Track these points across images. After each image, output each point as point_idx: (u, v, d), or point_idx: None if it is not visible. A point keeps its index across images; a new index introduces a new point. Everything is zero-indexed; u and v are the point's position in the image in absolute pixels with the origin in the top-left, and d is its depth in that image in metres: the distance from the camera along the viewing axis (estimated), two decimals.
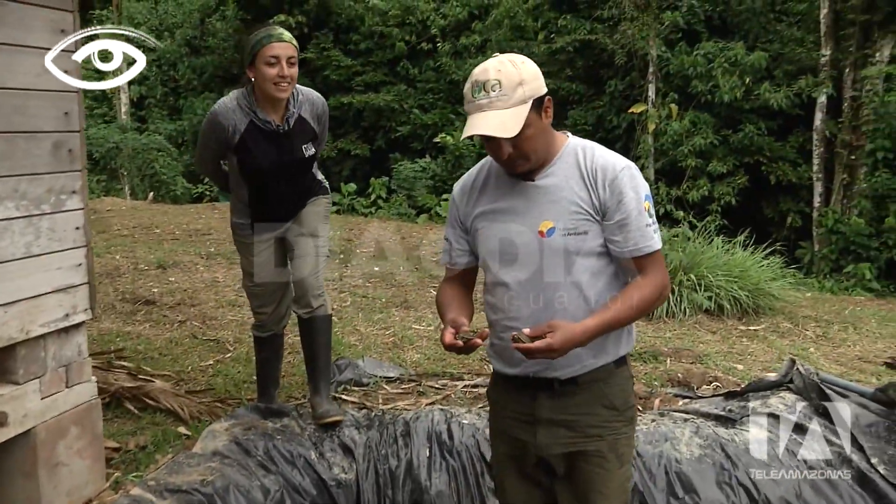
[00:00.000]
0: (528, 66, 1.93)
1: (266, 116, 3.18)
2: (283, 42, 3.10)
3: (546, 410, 2.01)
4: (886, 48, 12.96)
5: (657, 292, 1.96)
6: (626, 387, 2.06)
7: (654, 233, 1.95)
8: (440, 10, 17.47)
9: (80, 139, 2.66)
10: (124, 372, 4.01)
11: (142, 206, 11.87)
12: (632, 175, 1.95)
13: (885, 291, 11.52)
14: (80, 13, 2.47)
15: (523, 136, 1.89)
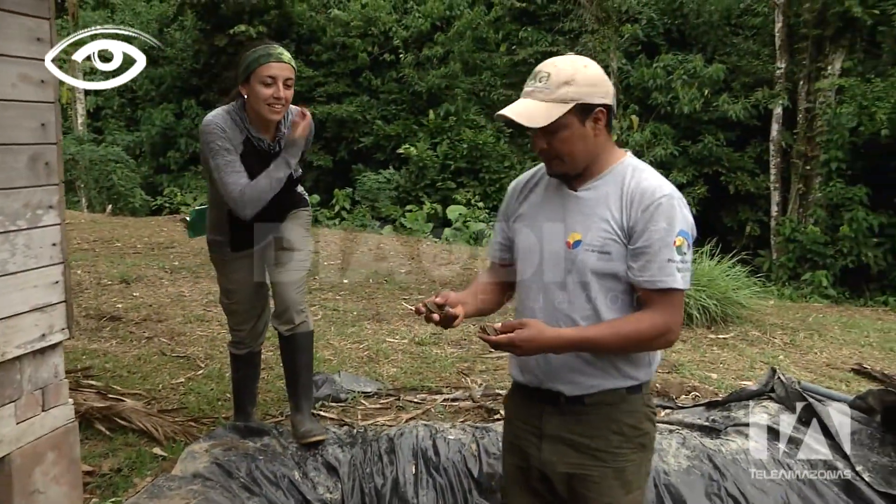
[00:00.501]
0: (590, 71, 1.90)
1: (259, 135, 3.07)
2: (282, 63, 2.97)
3: (553, 426, 1.99)
4: (837, 61, 13.32)
5: (655, 333, 1.85)
6: (638, 414, 1.97)
7: (678, 271, 1.83)
8: (402, 22, 17.48)
9: (57, 151, 2.55)
10: (93, 391, 3.88)
11: (100, 218, 11.60)
12: (671, 205, 1.85)
13: (840, 298, 11.79)
14: None
15: (558, 137, 1.89)
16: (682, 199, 1.88)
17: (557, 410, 1.98)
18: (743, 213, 14.34)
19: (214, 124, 2.98)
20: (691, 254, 1.87)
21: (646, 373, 1.98)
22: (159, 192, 17.05)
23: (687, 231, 1.85)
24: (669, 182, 1.93)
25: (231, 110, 3.05)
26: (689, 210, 1.89)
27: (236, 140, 3.01)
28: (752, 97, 13.68)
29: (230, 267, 3.31)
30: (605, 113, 1.90)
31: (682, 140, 14.31)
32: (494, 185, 15.31)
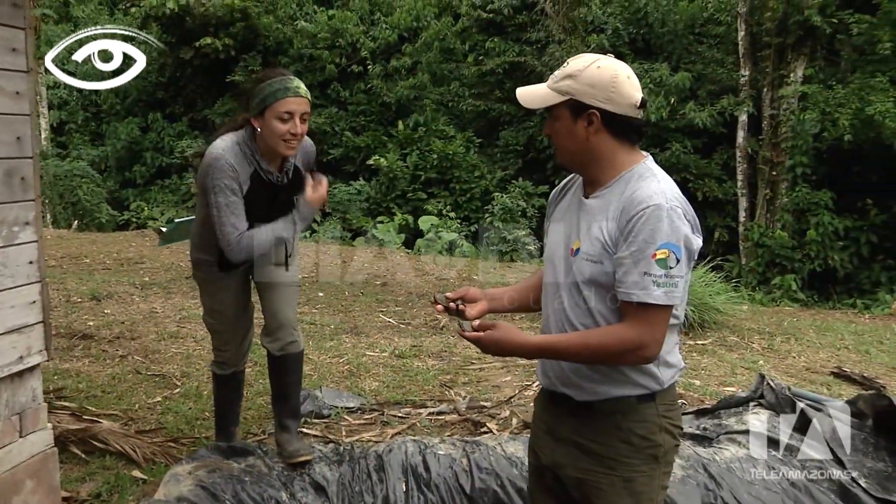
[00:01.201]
0: (597, 73, 1.86)
1: (268, 167, 2.95)
2: (300, 97, 2.83)
3: (566, 429, 1.99)
4: (800, 69, 13.55)
5: (623, 347, 1.80)
6: (649, 425, 1.92)
7: (655, 286, 1.76)
8: (370, 33, 17.41)
9: (33, 166, 2.43)
10: (67, 413, 3.76)
11: (67, 234, 11.37)
12: (656, 216, 1.77)
13: (809, 301, 11.99)
14: None
15: (554, 126, 1.93)
16: (675, 210, 1.78)
17: (570, 414, 1.98)
18: (711, 219, 14.46)
19: (224, 161, 2.81)
20: (683, 269, 1.79)
21: (656, 381, 1.92)
22: (126, 206, 16.74)
23: (675, 244, 1.77)
24: (677, 193, 1.85)
25: (240, 142, 2.90)
26: (686, 222, 1.80)
27: (244, 174, 2.87)
28: (718, 104, 13.81)
29: (217, 286, 3.19)
30: (600, 117, 1.85)
31: (649, 148, 14.32)
32: (465, 194, 15.28)
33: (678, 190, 1.87)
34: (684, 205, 1.83)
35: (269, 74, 2.88)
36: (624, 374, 1.90)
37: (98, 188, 15.81)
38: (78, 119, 18.89)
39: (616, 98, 1.84)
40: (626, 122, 1.87)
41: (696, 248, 1.84)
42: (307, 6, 18.21)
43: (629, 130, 1.89)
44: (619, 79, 1.85)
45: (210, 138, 3.05)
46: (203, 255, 3.17)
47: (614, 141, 1.88)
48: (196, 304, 6.48)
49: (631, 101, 1.86)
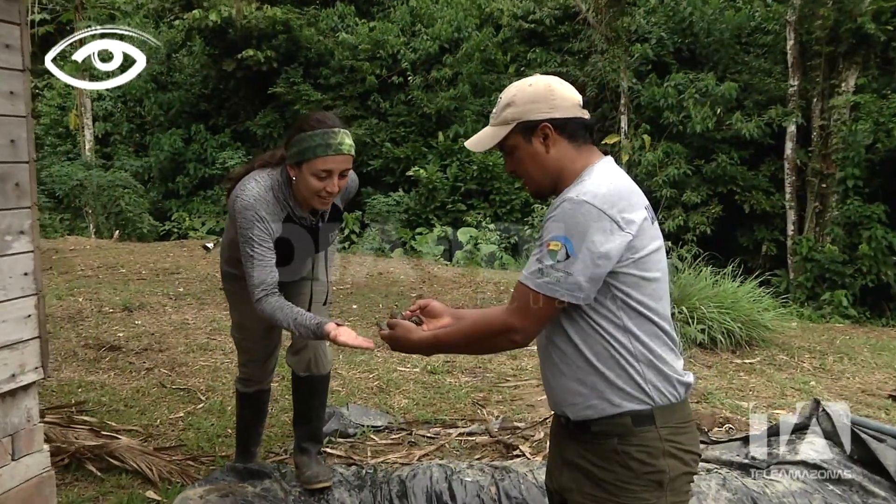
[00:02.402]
0: (532, 89, 1.89)
1: (301, 213, 2.79)
2: (342, 155, 2.61)
3: (570, 452, 1.91)
4: (851, 78, 13.16)
5: (492, 329, 1.81)
6: (650, 449, 1.81)
7: (539, 272, 1.73)
8: (410, 44, 17.38)
9: (29, 171, 2.28)
10: (86, 428, 3.65)
11: (107, 244, 11.45)
12: (561, 209, 1.75)
13: (861, 318, 11.59)
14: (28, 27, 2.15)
15: (514, 158, 1.91)
16: (582, 206, 1.73)
17: (571, 436, 1.91)
18: (759, 233, 14.08)
19: (254, 213, 2.63)
20: (576, 265, 1.71)
21: (643, 394, 1.81)
22: (168, 217, 16.91)
23: (568, 239, 1.72)
24: (609, 188, 1.77)
25: (274, 186, 2.71)
26: (605, 219, 1.72)
27: (276, 221, 2.69)
28: (766, 115, 13.47)
29: (244, 300, 3.01)
30: (552, 127, 1.85)
31: (695, 159, 14.09)
32: (505, 206, 15.12)
33: (614, 188, 1.78)
34: (606, 202, 1.74)
35: (312, 123, 2.64)
36: (608, 384, 1.81)
37: (140, 198, 15.99)
38: (122, 131, 19.16)
39: (559, 103, 1.87)
40: (576, 123, 1.88)
41: (620, 247, 1.74)
42: (349, 18, 18.26)
43: (582, 129, 1.90)
44: (553, 86, 1.89)
45: (247, 164, 2.89)
46: (231, 270, 3.04)
47: (572, 147, 1.88)
48: (227, 316, 6.39)
49: (573, 101, 1.89)
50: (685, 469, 1.85)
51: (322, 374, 3.07)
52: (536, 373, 4.96)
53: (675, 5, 15.43)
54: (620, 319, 1.79)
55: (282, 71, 17.13)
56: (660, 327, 1.83)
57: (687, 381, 1.89)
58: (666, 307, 1.86)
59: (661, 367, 1.82)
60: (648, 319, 1.81)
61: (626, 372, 1.80)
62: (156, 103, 18.74)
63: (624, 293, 1.78)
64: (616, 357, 1.80)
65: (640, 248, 1.77)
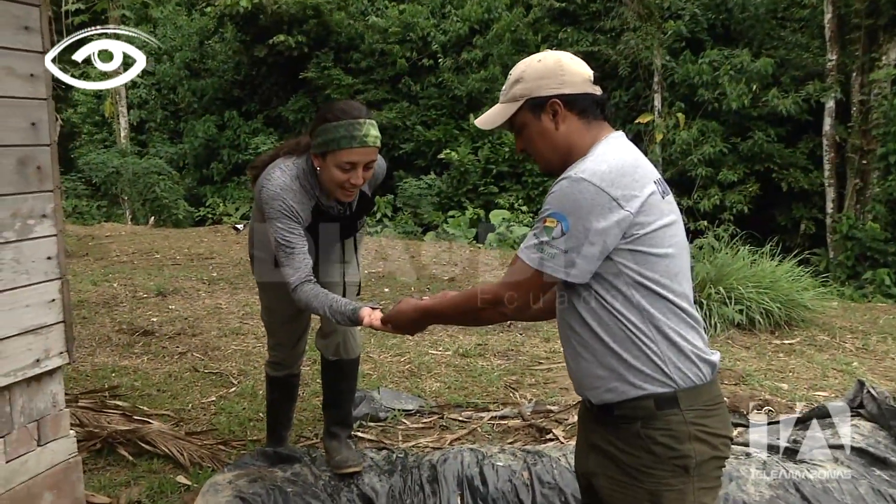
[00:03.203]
0: (541, 65, 1.86)
1: (328, 202, 2.72)
2: (366, 147, 2.53)
3: (596, 436, 1.88)
4: (893, 51, 12.79)
5: (482, 298, 1.81)
6: (673, 432, 1.75)
7: (535, 248, 1.71)
8: (440, 26, 17.25)
9: (50, 154, 2.25)
10: (118, 413, 3.67)
11: (142, 230, 11.57)
12: (559, 186, 1.72)
13: None
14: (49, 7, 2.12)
15: (523, 136, 1.89)
16: (580, 183, 1.69)
17: (596, 420, 1.88)
18: (797, 211, 13.80)
19: (281, 201, 2.58)
20: (570, 242, 1.68)
21: (665, 375, 1.75)
22: (203, 203, 17.06)
23: (563, 215, 1.69)
24: (611, 165, 1.71)
25: (300, 175, 2.65)
26: (598, 199, 1.67)
27: (304, 210, 2.64)
28: (803, 91, 13.16)
29: (272, 283, 2.96)
30: (561, 103, 1.82)
31: (731, 137, 13.84)
32: (537, 188, 14.99)
33: (616, 164, 1.73)
34: (606, 179, 1.69)
35: (336, 113, 2.54)
36: (626, 366, 1.76)
37: (175, 185, 16.14)
38: (157, 118, 19.35)
39: (569, 79, 1.83)
40: (587, 99, 1.85)
41: (622, 223, 1.69)
42: (378, 1, 18.19)
43: (593, 105, 1.86)
44: (563, 62, 1.85)
45: (272, 152, 2.83)
46: (258, 253, 3.00)
47: (581, 123, 1.84)
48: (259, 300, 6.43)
49: (583, 76, 1.85)
50: (714, 453, 1.78)
51: (351, 358, 3.03)
52: None
53: None
54: (633, 298, 1.74)
55: (313, 56, 17.13)
56: (676, 305, 1.77)
57: (712, 360, 1.82)
58: (684, 283, 1.80)
59: (682, 345, 1.76)
60: (662, 297, 1.75)
61: (643, 353, 1.75)
62: (189, 90, 18.88)
63: (634, 271, 1.73)
64: (632, 337, 1.75)
65: (647, 224, 1.71)
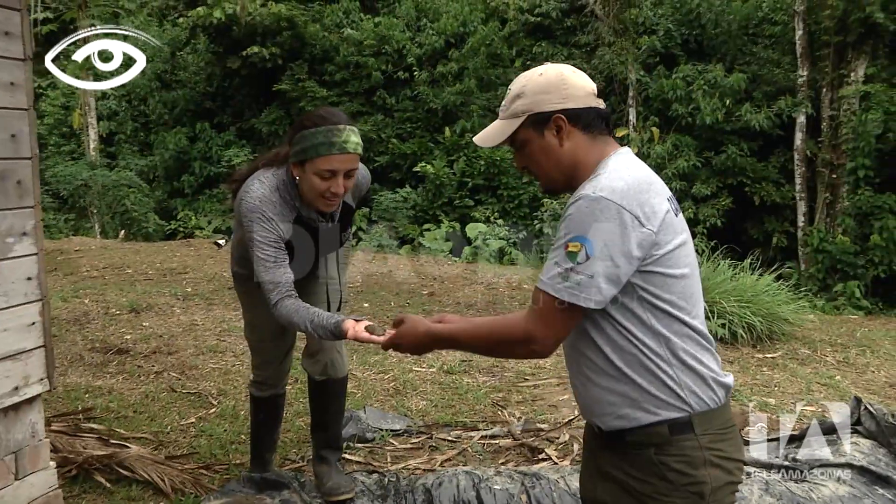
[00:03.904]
0: (543, 79, 1.77)
1: (309, 213, 2.63)
2: (347, 154, 2.45)
3: (605, 462, 1.79)
4: (861, 68, 13.04)
5: (511, 337, 1.69)
6: (688, 459, 1.69)
7: (561, 278, 1.61)
8: (416, 39, 17.24)
9: (31, 168, 2.12)
10: (94, 437, 3.53)
11: (112, 244, 11.34)
12: (577, 207, 1.62)
13: (874, 308, 11.48)
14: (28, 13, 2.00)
15: (525, 153, 1.81)
16: (600, 202, 1.60)
17: (606, 447, 1.79)
18: (769, 224, 13.95)
19: (260, 213, 2.48)
20: (595, 266, 1.59)
21: (680, 401, 1.68)
22: (173, 216, 16.80)
23: (587, 238, 1.59)
24: (627, 182, 1.64)
25: (280, 186, 2.56)
26: (624, 214, 1.59)
27: (285, 223, 2.55)
28: (775, 106, 13.35)
29: (256, 300, 2.87)
30: (566, 119, 1.74)
31: (704, 151, 13.97)
32: (513, 201, 15.00)
33: (632, 181, 1.65)
34: (625, 197, 1.61)
35: (315, 120, 2.48)
36: (640, 390, 1.69)
37: (146, 198, 15.88)
38: (127, 130, 19.04)
39: (572, 93, 1.75)
40: (591, 113, 1.76)
41: (643, 243, 1.61)
42: (353, 14, 18.12)
43: (597, 119, 1.77)
44: (565, 75, 1.77)
45: (250, 164, 2.73)
46: (241, 270, 2.92)
47: (587, 138, 1.76)
48: (237, 316, 6.29)
49: (587, 89, 1.77)
50: (728, 479, 1.73)
51: (339, 377, 2.95)
52: (556, 371, 4.84)
53: None
54: (649, 322, 1.67)
55: (287, 68, 17.01)
56: (692, 327, 1.70)
57: (726, 383, 1.76)
58: (697, 305, 1.74)
59: (698, 368, 1.70)
60: (679, 320, 1.68)
61: (658, 378, 1.68)
62: (160, 102, 18.63)
63: (651, 294, 1.65)
64: (647, 363, 1.67)
65: (665, 244, 1.64)
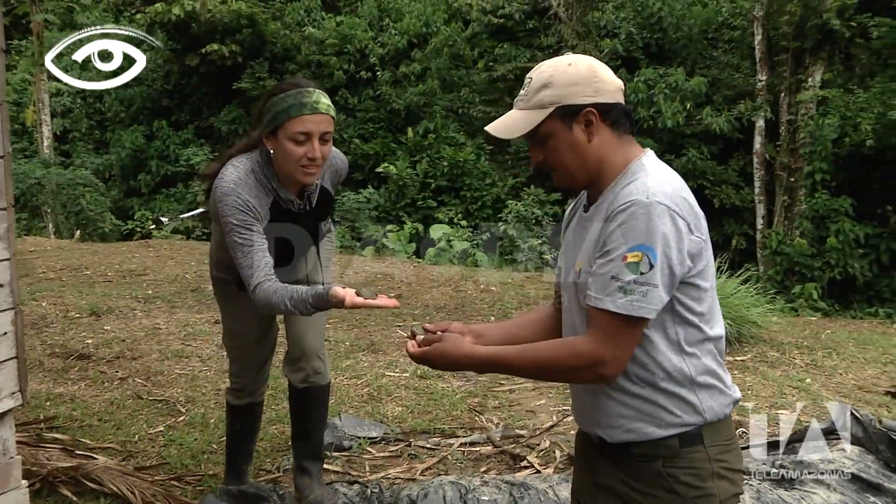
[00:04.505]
0: (573, 69, 1.67)
1: (287, 195, 2.53)
2: (319, 114, 2.37)
3: (605, 476, 1.72)
4: (818, 73, 13.29)
5: (576, 362, 1.58)
6: (696, 471, 1.64)
7: (621, 292, 1.52)
8: (378, 39, 17.12)
9: (2, 168, 2.00)
10: (58, 447, 3.38)
11: (68, 245, 11.02)
12: (632, 213, 1.54)
13: (831, 310, 11.69)
14: None
15: (548, 147, 1.69)
16: (656, 207, 1.53)
17: (608, 459, 1.72)
18: (728, 227, 14.16)
19: (235, 198, 2.39)
20: (657, 276, 1.52)
21: (695, 412, 1.63)
22: (130, 216, 16.44)
23: (650, 246, 1.52)
24: (673, 187, 1.60)
25: (255, 169, 2.47)
26: (676, 222, 1.54)
27: (262, 207, 2.45)
28: (735, 110, 13.53)
29: (236, 305, 2.79)
30: (597, 114, 1.65)
31: (665, 154, 14.06)
32: (476, 202, 14.99)
33: (677, 186, 1.62)
34: (676, 202, 1.57)
35: (282, 87, 2.44)
36: (656, 406, 1.63)
37: (102, 197, 15.48)
38: (82, 127, 18.58)
39: (603, 87, 1.67)
40: (619, 110, 1.69)
41: (694, 250, 1.58)
42: (315, 12, 17.94)
43: (624, 118, 1.70)
44: (595, 68, 1.69)
45: (220, 157, 2.62)
46: (221, 274, 2.80)
47: (614, 135, 1.69)
48: (202, 320, 6.15)
49: (616, 84, 1.69)
50: (734, 490, 1.69)
51: (323, 384, 2.86)
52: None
53: (643, 0, 15.42)
54: (676, 337, 1.61)
55: (247, 66, 16.77)
56: (714, 341, 1.66)
57: (736, 398, 1.72)
58: (719, 319, 1.69)
59: (715, 384, 1.66)
60: (705, 335, 1.64)
61: (677, 395, 1.63)
62: (116, 99, 18.22)
63: (685, 307, 1.60)
64: (668, 379, 1.62)
65: (703, 254, 1.60)
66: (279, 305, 2.29)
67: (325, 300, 2.19)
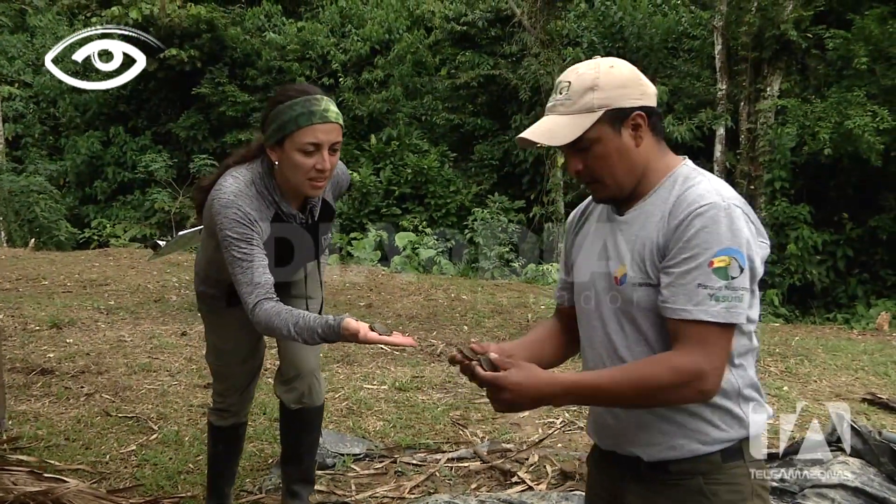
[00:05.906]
0: (617, 71, 1.60)
1: (289, 208, 2.39)
2: (329, 123, 2.23)
3: (633, 497, 1.63)
4: (776, 83, 13.56)
5: (676, 379, 1.47)
6: (738, 488, 1.57)
7: (713, 300, 1.45)
8: (341, 45, 16.99)
9: None
10: (24, 470, 3.19)
11: (23, 254, 10.66)
12: (712, 217, 1.47)
13: (791, 317, 11.91)
14: None
15: (593, 154, 1.59)
16: (734, 210, 1.49)
17: (637, 479, 1.63)
18: None
19: (236, 208, 2.24)
20: (746, 280, 1.48)
21: (741, 426, 1.58)
22: (86, 224, 16.02)
23: (737, 249, 1.46)
24: (733, 191, 1.56)
25: (256, 180, 2.33)
26: (750, 224, 1.52)
27: (263, 220, 2.31)
28: (696, 118, 13.69)
29: (223, 322, 2.67)
30: (645, 117, 1.59)
31: None
32: (440, 210, 14.93)
33: (733, 190, 1.58)
34: (744, 205, 1.55)
35: (288, 93, 2.27)
36: (702, 420, 1.56)
37: (57, 204, 15.07)
38: (35, 132, 18.06)
39: (648, 90, 1.62)
40: (660, 116, 1.66)
41: (763, 255, 1.56)
42: (275, 18, 17.73)
43: (660, 123, 1.67)
44: (636, 70, 1.64)
45: (216, 171, 2.46)
46: (209, 290, 2.65)
47: (655, 141, 1.64)
48: (168, 332, 5.97)
49: (654, 90, 1.65)
50: None
51: (317, 405, 2.75)
52: None
53: (605, 10, 15.53)
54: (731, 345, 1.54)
55: (206, 71, 16.50)
56: (754, 351, 1.63)
57: (771, 413, 1.68)
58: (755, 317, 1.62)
59: (758, 398, 1.62)
60: (751, 342, 1.60)
61: (724, 408, 1.56)
62: (71, 104, 17.75)
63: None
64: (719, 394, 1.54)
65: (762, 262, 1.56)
66: (281, 329, 2.13)
67: (336, 332, 2.03)
